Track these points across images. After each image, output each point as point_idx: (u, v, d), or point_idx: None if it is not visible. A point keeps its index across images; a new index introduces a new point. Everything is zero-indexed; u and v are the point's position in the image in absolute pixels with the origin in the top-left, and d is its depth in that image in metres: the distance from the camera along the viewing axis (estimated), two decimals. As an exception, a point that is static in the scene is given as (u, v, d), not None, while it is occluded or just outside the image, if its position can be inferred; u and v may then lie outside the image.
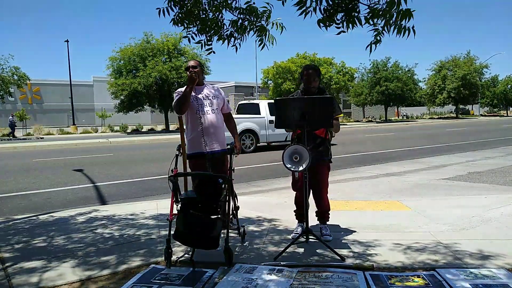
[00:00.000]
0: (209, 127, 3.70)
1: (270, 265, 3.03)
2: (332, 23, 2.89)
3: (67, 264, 3.16)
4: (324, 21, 2.87)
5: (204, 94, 3.77)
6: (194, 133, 3.71)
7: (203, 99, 3.74)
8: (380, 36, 2.79)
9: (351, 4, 2.81)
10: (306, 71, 3.64)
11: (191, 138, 3.75)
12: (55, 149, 16.59)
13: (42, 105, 47.78)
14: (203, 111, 3.70)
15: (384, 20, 2.73)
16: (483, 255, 3.13)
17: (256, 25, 3.10)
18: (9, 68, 28.48)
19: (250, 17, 3.10)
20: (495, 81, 59.54)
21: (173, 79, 29.18)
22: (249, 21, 3.12)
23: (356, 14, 2.83)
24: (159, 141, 19.87)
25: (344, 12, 2.83)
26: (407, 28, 2.70)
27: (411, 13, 2.64)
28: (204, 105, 3.72)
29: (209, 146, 3.71)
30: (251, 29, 3.12)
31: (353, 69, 39.76)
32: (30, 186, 7.41)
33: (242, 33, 3.15)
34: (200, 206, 3.04)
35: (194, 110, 3.70)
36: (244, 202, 4.90)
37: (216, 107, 3.78)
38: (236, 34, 3.19)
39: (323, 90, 3.72)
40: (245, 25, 3.12)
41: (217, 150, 3.73)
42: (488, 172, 7.76)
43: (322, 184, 3.72)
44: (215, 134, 3.73)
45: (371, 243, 3.50)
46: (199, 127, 3.68)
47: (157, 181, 7.48)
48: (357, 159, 10.37)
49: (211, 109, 3.73)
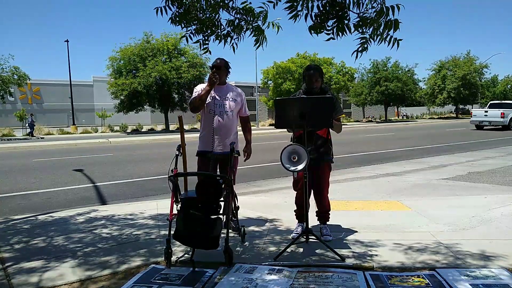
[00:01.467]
0: (221, 128, 3.74)
1: (270, 265, 3.03)
2: (322, 30, 2.92)
3: (67, 264, 3.16)
4: (316, 28, 2.90)
5: (223, 95, 3.80)
6: (205, 131, 3.79)
7: (220, 99, 3.77)
8: (368, 44, 2.83)
9: (341, 11, 2.84)
10: (308, 71, 3.65)
11: (202, 136, 3.84)
12: (55, 149, 16.58)
13: (42, 105, 47.80)
14: (217, 112, 3.74)
15: (371, 29, 2.76)
16: (483, 255, 3.14)
17: (252, 25, 3.11)
18: (9, 68, 28.51)
19: (247, 17, 3.11)
20: (495, 81, 59.50)
21: (173, 79, 29.18)
22: (245, 21, 3.13)
23: (346, 22, 2.87)
24: (159, 141, 19.88)
25: (335, 19, 2.87)
26: (392, 39, 2.73)
27: (398, 23, 2.69)
28: (220, 105, 3.75)
29: (215, 147, 3.74)
30: (248, 28, 3.13)
31: (353, 69, 39.79)
32: (30, 186, 7.41)
33: (239, 32, 3.16)
34: (200, 206, 3.04)
35: (209, 109, 3.75)
36: (244, 202, 4.90)
37: (232, 109, 3.80)
38: (233, 34, 3.20)
39: (326, 90, 3.72)
40: (241, 25, 3.13)
41: (221, 152, 3.74)
42: (488, 172, 7.76)
43: (323, 184, 3.73)
44: (225, 136, 3.76)
45: (371, 243, 3.50)
46: (211, 126, 3.74)
47: (157, 181, 7.48)
48: (357, 159, 10.37)
49: (225, 110, 3.76)
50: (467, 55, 49.45)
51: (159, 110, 33.13)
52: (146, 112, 36.19)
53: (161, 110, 32.91)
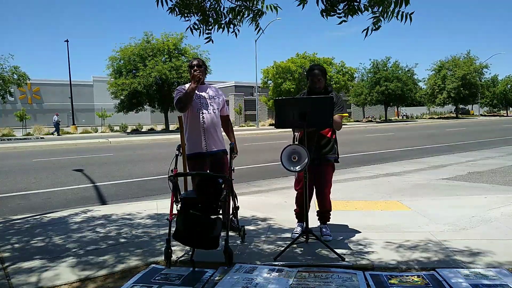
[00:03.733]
0: (210, 127, 3.68)
1: (270, 265, 3.03)
2: (334, 13, 2.96)
3: (67, 264, 3.16)
4: (328, 11, 2.92)
5: (207, 93, 3.77)
6: (194, 132, 3.68)
7: (205, 98, 3.73)
8: (380, 21, 2.85)
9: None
10: (311, 71, 3.65)
11: (190, 137, 3.71)
12: (55, 149, 16.58)
13: (42, 105, 47.80)
14: (205, 111, 3.68)
15: (381, 7, 2.78)
16: (483, 255, 3.13)
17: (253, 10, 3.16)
18: (9, 68, 28.51)
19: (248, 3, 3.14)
20: (495, 81, 59.51)
21: (173, 79, 29.19)
22: (245, 7, 3.17)
23: (357, 4, 2.91)
24: (159, 141, 19.88)
25: (345, 1, 2.91)
26: (404, 14, 2.74)
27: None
28: (207, 104, 3.71)
29: (209, 147, 3.69)
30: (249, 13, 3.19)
31: (353, 69, 39.77)
32: (30, 186, 7.41)
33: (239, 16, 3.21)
34: (200, 206, 3.03)
35: (195, 108, 3.66)
36: (244, 202, 4.90)
37: (217, 107, 3.78)
38: (235, 21, 3.23)
39: (330, 90, 3.71)
40: (242, 10, 3.17)
41: (216, 151, 3.72)
42: (488, 172, 7.76)
43: (326, 184, 3.72)
44: (215, 135, 3.72)
45: (371, 243, 3.50)
46: (200, 126, 3.66)
47: (157, 181, 7.48)
48: (357, 159, 10.37)
49: (212, 109, 3.72)
50: (467, 55, 49.53)
51: (159, 110, 33.14)
52: (146, 112, 36.21)
53: (161, 110, 32.92)
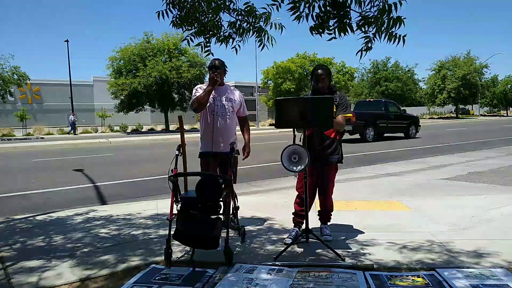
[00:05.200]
0: (221, 128, 3.76)
1: (270, 265, 3.03)
2: (324, 30, 2.91)
3: (67, 264, 3.16)
4: (317, 28, 2.89)
5: (223, 95, 3.82)
6: (206, 132, 3.79)
7: (221, 100, 3.79)
8: (371, 43, 2.81)
9: (342, 11, 2.83)
10: (315, 71, 3.66)
11: (203, 136, 3.84)
12: (55, 149, 16.58)
13: (42, 105, 47.73)
14: (218, 113, 3.76)
15: (375, 28, 2.75)
16: (483, 255, 3.13)
17: (254, 26, 3.11)
18: (9, 68, 28.51)
19: (249, 18, 3.10)
20: (495, 81, 59.52)
21: (173, 79, 29.17)
22: (247, 22, 3.12)
23: (348, 21, 2.85)
24: (159, 141, 19.87)
25: (336, 18, 2.85)
26: (397, 36, 2.72)
27: (402, 20, 2.66)
28: (221, 106, 3.77)
29: (215, 147, 3.75)
30: (249, 29, 3.13)
31: (353, 69, 39.79)
32: (30, 186, 7.41)
33: (241, 34, 3.16)
34: (200, 206, 3.04)
35: (210, 110, 3.76)
36: (244, 202, 4.89)
37: (232, 109, 3.84)
38: (235, 36, 3.20)
39: (334, 90, 3.72)
40: (243, 27, 3.12)
41: (222, 152, 3.75)
42: (488, 172, 7.76)
43: (328, 184, 3.73)
44: (225, 136, 3.77)
45: (371, 243, 3.50)
46: (211, 127, 3.74)
47: (157, 181, 7.48)
48: (357, 159, 10.36)
49: (226, 111, 3.78)
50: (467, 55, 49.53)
51: (159, 110, 33.12)
52: (146, 112, 36.17)
53: (161, 110, 32.90)
